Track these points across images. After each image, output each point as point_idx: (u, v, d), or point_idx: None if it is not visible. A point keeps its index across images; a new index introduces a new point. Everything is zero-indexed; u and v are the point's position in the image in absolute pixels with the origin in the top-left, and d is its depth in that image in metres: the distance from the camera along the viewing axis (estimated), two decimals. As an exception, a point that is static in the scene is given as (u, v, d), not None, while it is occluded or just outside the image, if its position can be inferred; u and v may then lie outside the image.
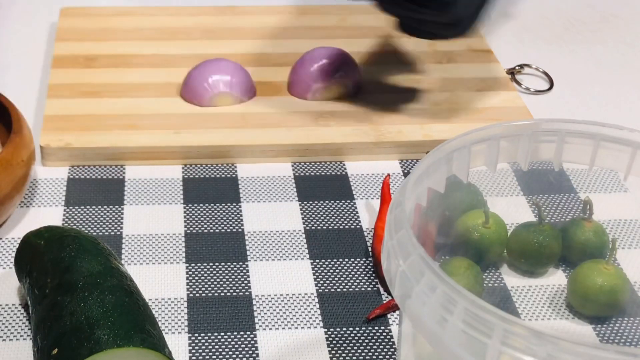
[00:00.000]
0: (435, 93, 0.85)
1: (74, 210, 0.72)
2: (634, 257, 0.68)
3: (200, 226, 0.71)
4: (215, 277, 0.66)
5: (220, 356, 0.60)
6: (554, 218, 0.71)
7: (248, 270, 0.67)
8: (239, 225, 0.71)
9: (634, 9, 1.06)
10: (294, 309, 0.64)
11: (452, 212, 0.63)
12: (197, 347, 0.61)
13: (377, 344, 0.62)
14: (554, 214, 0.71)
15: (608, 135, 0.55)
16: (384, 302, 0.65)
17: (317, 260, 0.68)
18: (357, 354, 0.61)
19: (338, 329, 0.63)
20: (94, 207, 0.72)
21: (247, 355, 0.60)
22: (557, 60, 0.95)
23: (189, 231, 0.70)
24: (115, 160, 0.76)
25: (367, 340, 0.62)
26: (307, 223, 0.72)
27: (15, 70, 0.89)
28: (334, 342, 0.62)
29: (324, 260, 0.68)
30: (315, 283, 0.66)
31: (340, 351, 0.61)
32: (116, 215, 0.71)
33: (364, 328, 0.63)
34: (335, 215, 0.73)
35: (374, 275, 0.67)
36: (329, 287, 0.66)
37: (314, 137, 0.78)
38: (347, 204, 0.74)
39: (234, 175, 0.76)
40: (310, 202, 0.74)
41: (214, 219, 0.72)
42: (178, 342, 0.61)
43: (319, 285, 0.66)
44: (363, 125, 0.80)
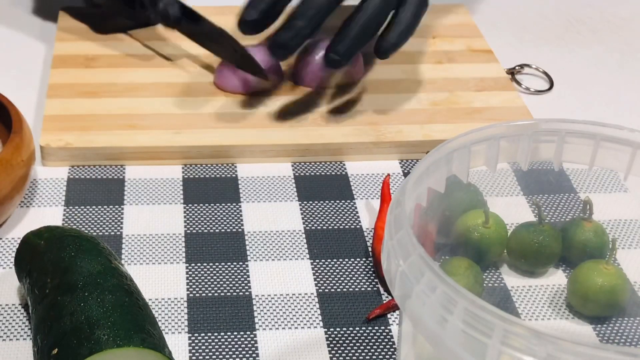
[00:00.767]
0: (435, 93, 0.85)
1: (74, 210, 0.72)
2: (634, 257, 0.68)
3: (200, 226, 0.71)
4: (215, 277, 0.66)
5: (220, 356, 0.60)
6: (554, 218, 0.71)
7: (248, 270, 0.67)
8: (239, 225, 0.71)
9: (634, 9, 1.06)
10: (294, 309, 0.64)
11: (452, 212, 0.63)
12: (197, 347, 0.61)
13: (377, 344, 0.62)
14: (554, 214, 0.71)
15: (608, 135, 0.55)
16: (384, 302, 0.65)
17: (317, 260, 0.68)
18: (357, 354, 0.61)
19: (338, 329, 0.63)
20: (94, 207, 0.72)
21: (247, 355, 0.60)
22: (557, 60, 0.95)
23: (189, 231, 0.70)
24: (115, 160, 0.76)
25: (367, 340, 0.62)
26: (307, 223, 0.72)
27: (15, 70, 0.89)
28: (334, 342, 0.62)
29: (324, 260, 0.68)
30: (315, 283, 0.66)
31: (340, 351, 0.61)
32: (116, 215, 0.71)
33: (364, 328, 0.63)
34: (335, 215, 0.73)
35: (374, 275, 0.67)
36: (329, 287, 0.66)
37: (314, 137, 0.78)
38: (347, 204, 0.74)
39: (234, 175, 0.76)
40: (310, 202, 0.74)
41: (214, 219, 0.72)
42: (178, 342, 0.61)
43: (319, 285, 0.66)
44: (363, 125, 0.80)
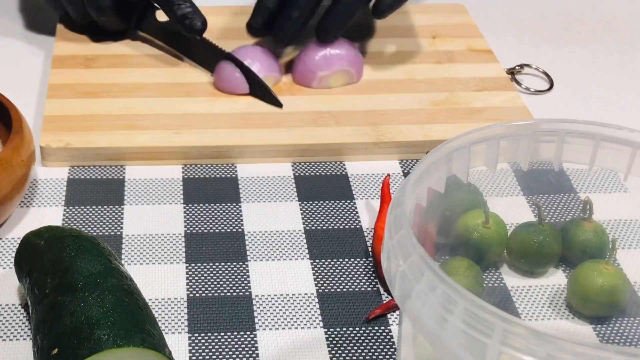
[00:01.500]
0: (435, 93, 0.85)
1: (74, 210, 0.72)
2: (634, 257, 0.68)
3: (200, 226, 0.71)
4: (215, 277, 0.66)
5: (220, 356, 0.60)
6: (554, 218, 0.71)
7: (248, 270, 0.67)
8: (239, 225, 0.71)
9: (634, 9, 1.06)
10: (294, 309, 0.64)
11: (452, 212, 0.63)
12: (197, 347, 0.61)
13: (377, 344, 0.62)
14: (554, 214, 0.71)
15: (608, 135, 0.55)
16: (384, 302, 0.65)
17: (317, 260, 0.68)
18: (357, 354, 0.61)
19: (338, 329, 0.63)
20: (94, 207, 0.72)
21: (247, 355, 0.60)
22: (557, 60, 0.95)
23: (189, 231, 0.70)
24: (115, 160, 0.76)
25: (367, 340, 0.62)
26: (307, 223, 0.72)
27: (15, 70, 0.89)
28: (334, 342, 0.62)
29: (324, 260, 0.68)
30: (315, 283, 0.66)
31: (340, 351, 0.61)
32: (116, 215, 0.71)
33: (364, 328, 0.63)
34: (335, 215, 0.73)
35: (374, 275, 0.67)
36: (329, 287, 0.66)
37: (314, 137, 0.78)
38: (347, 204, 0.74)
39: (234, 175, 0.76)
40: (310, 202, 0.74)
41: (214, 219, 0.72)
42: (178, 342, 0.61)
43: (319, 285, 0.66)
44: (363, 125, 0.80)
